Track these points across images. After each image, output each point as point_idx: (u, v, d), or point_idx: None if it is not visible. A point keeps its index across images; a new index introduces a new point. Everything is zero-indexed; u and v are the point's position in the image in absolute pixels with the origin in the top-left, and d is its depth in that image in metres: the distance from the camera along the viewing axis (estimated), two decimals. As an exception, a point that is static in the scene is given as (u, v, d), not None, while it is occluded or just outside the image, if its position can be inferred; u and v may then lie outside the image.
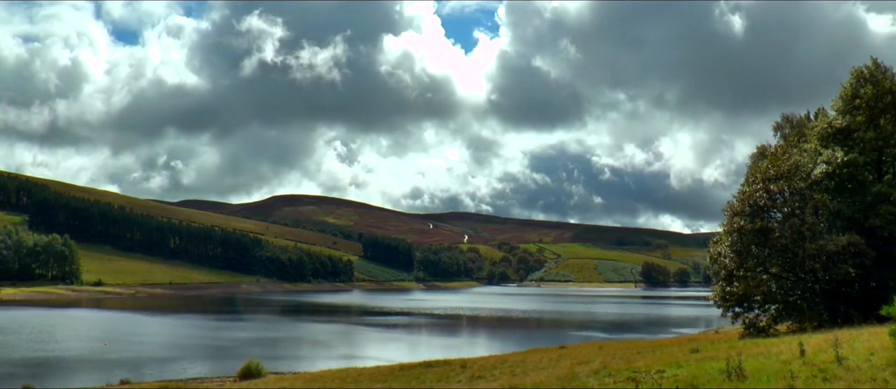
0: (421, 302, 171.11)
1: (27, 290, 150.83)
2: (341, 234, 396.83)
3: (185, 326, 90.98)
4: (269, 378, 37.27)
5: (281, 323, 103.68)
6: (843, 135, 40.84)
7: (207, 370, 45.79)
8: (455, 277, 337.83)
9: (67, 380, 42.50)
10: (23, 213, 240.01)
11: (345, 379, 33.15)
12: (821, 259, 37.75)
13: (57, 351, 59.63)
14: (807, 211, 39.65)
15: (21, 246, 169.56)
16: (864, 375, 16.49)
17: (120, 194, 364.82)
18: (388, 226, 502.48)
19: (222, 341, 72.15)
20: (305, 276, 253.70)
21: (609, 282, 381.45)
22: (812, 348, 21.76)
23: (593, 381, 21.90)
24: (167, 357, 58.70)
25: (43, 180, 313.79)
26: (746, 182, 45.25)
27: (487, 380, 28.00)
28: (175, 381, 39.00)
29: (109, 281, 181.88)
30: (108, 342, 64.76)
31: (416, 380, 30.52)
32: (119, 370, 44.80)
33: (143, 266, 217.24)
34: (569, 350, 40.64)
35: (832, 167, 39.67)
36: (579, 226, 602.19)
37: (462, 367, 33.72)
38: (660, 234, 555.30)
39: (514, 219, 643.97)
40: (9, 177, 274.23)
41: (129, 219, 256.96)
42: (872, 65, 42.12)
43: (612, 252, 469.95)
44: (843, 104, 42.01)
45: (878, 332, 22.72)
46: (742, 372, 18.36)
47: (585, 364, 28.10)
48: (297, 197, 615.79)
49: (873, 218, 38.47)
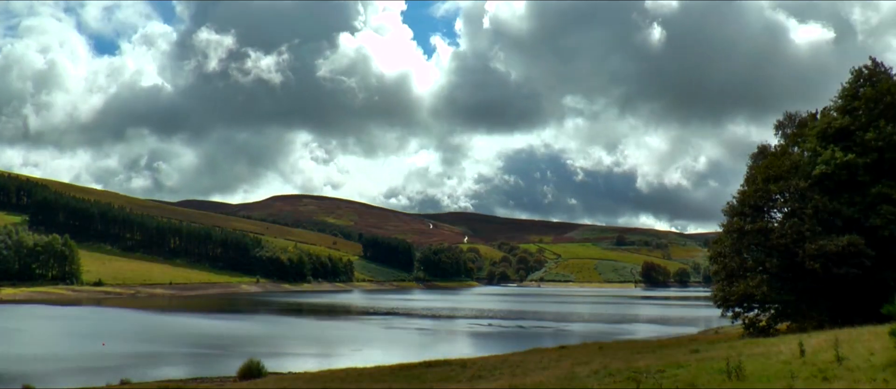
0: (418, 302, 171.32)
1: (27, 290, 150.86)
2: (341, 234, 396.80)
3: (184, 326, 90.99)
4: (269, 377, 37.28)
5: (281, 322, 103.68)
6: (842, 135, 40.83)
7: (207, 369, 45.76)
8: (455, 277, 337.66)
9: (67, 380, 42.49)
10: (23, 213, 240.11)
11: (345, 379, 33.17)
12: (821, 259, 37.77)
13: (56, 350, 59.65)
14: (807, 211, 39.66)
15: (21, 246, 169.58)
16: (864, 375, 16.49)
17: (120, 194, 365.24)
18: (388, 226, 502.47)
19: (222, 340, 72.15)
20: (305, 276, 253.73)
21: (609, 282, 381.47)
22: (812, 348, 21.76)
23: (593, 381, 21.91)
24: (167, 357, 58.69)
25: (43, 180, 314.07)
26: (746, 182, 45.27)
27: (488, 380, 28.01)
28: (175, 381, 38.99)
29: (109, 281, 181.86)
30: (106, 342, 64.70)
31: (416, 380, 30.53)
32: (119, 369, 44.77)
33: (143, 266, 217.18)
34: (569, 351, 40.66)
35: (832, 167, 39.66)
36: (579, 227, 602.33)
37: (462, 367, 33.73)
38: (660, 234, 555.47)
39: (515, 220, 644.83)
40: (9, 177, 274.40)
41: (130, 219, 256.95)
42: (872, 66, 42.09)
43: (612, 252, 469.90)
44: (843, 104, 42.01)
45: (878, 332, 22.71)
46: (742, 372, 18.37)
47: (585, 365, 28.12)
48: (297, 197, 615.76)
49: (873, 218, 38.47)
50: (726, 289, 42.38)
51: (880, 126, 39.26)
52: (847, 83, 42.28)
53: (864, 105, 40.44)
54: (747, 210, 42.63)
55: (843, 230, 38.82)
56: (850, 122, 40.76)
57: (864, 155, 39.39)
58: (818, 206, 39.50)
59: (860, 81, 41.64)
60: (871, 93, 40.13)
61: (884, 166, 39.45)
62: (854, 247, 37.38)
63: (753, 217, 42.39)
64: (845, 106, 41.65)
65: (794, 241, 39.12)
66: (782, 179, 41.99)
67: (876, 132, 39.21)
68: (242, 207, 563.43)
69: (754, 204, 42.48)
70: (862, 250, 37.43)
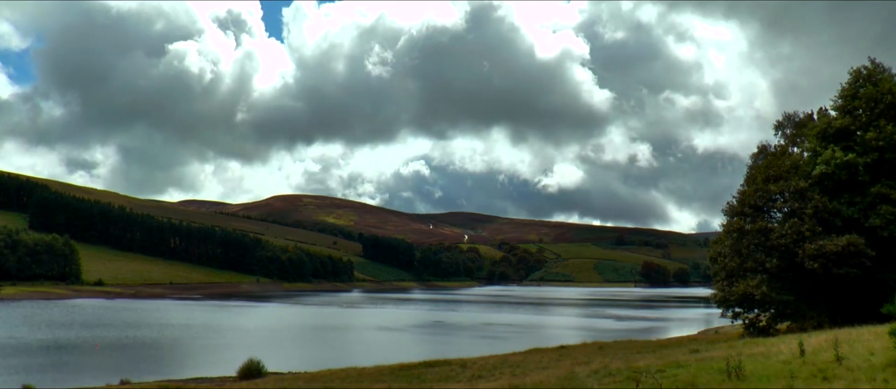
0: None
1: (27, 290, 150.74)
2: (341, 234, 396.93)
3: (184, 325, 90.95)
4: (269, 377, 37.27)
5: (281, 322, 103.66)
6: (842, 135, 40.81)
7: (207, 369, 45.72)
8: (455, 277, 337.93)
9: (67, 379, 42.50)
10: (23, 213, 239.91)
11: (345, 379, 33.17)
12: (820, 259, 37.76)
13: (57, 348, 59.62)
14: (807, 211, 39.66)
15: (21, 246, 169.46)
16: (864, 375, 16.48)
17: (120, 194, 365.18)
18: (388, 226, 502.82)
19: (222, 340, 72.14)
20: (305, 276, 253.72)
21: (609, 282, 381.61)
22: (812, 348, 21.77)
23: (593, 381, 21.91)
24: (167, 356, 58.71)
25: (43, 180, 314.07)
26: (746, 182, 45.25)
27: (488, 380, 28.03)
28: (175, 381, 38.95)
29: (110, 281, 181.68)
30: (99, 344, 64.57)
31: (416, 380, 30.54)
32: (118, 369, 44.76)
33: (144, 266, 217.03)
34: (569, 351, 40.68)
35: (832, 167, 39.64)
36: (579, 226, 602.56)
37: (462, 367, 33.74)
38: (660, 234, 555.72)
39: (515, 220, 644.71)
40: (9, 178, 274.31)
41: (130, 219, 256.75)
42: (871, 66, 42.04)
43: (612, 252, 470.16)
44: (842, 104, 41.96)
45: (878, 332, 22.73)
46: (742, 372, 18.37)
47: (585, 365, 28.12)
48: (297, 197, 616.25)
49: (873, 219, 38.45)
50: (726, 289, 42.38)
51: (880, 125, 39.22)
52: (846, 83, 42.23)
53: (865, 104, 40.40)
54: (747, 210, 42.63)
55: (843, 230, 38.80)
56: (850, 122, 40.73)
57: (865, 154, 39.36)
58: (818, 206, 39.48)
59: (860, 81, 41.59)
60: (872, 92, 40.07)
61: (884, 166, 39.42)
62: (854, 247, 37.36)
63: (753, 217, 42.39)
64: (845, 106, 41.61)
65: (794, 241, 39.12)
66: (782, 179, 41.98)
67: (876, 132, 39.18)
68: (242, 207, 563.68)
69: (754, 204, 42.48)
70: (862, 250, 37.41)
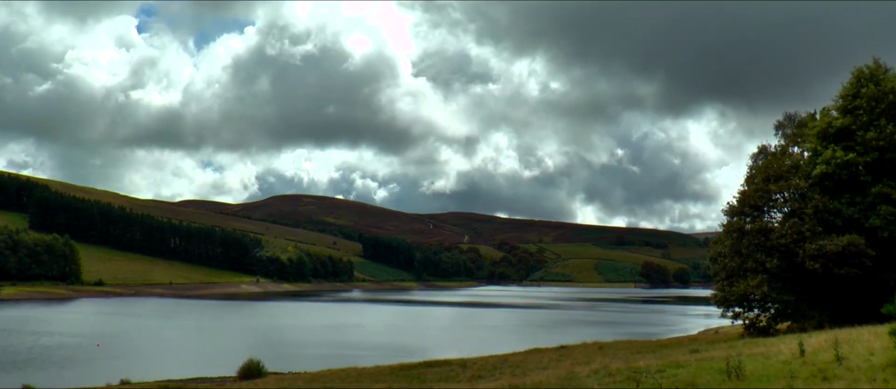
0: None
1: (27, 290, 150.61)
2: (341, 234, 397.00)
3: (184, 325, 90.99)
4: (270, 377, 37.25)
5: (281, 322, 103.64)
6: (843, 134, 40.77)
7: (207, 369, 45.67)
8: (455, 277, 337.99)
9: (67, 379, 42.48)
10: (23, 213, 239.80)
11: (345, 379, 33.15)
12: (821, 259, 37.73)
13: (54, 349, 59.62)
14: (807, 211, 39.63)
15: (22, 247, 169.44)
16: (864, 375, 16.47)
17: (120, 194, 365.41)
18: (388, 226, 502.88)
19: (222, 340, 72.14)
20: (306, 276, 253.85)
21: (609, 282, 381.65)
22: (812, 348, 21.75)
23: (593, 381, 21.89)
24: (166, 356, 58.70)
25: (43, 180, 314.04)
26: (746, 182, 45.23)
27: (488, 380, 28.02)
28: (175, 381, 38.87)
29: (110, 281, 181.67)
30: (101, 343, 64.58)
31: (416, 380, 30.53)
32: (118, 369, 44.72)
33: (144, 266, 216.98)
34: (569, 350, 40.67)
35: (832, 167, 39.62)
36: (580, 226, 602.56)
37: (462, 367, 33.73)
38: (660, 234, 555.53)
39: (515, 220, 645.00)
40: (9, 178, 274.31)
41: (130, 219, 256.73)
42: (873, 65, 41.97)
43: (612, 252, 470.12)
44: (843, 104, 41.89)
45: (878, 332, 22.71)
46: (742, 372, 18.36)
47: (585, 365, 28.10)
48: (297, 197, 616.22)
49: (873, 219, 38.43)
50: (726, 289, 42.35)
51: (881, 125, 39.20)
52: (848, 83, 42.17)
53: (866, 104, 40.34)
54: (747, 210, 42.62)
55: (843, 230, 38.78)
56: (851, 122, 40.68)
57: (865, 154, 39.34)
58: (818, 206, 39.46)
59: (861, 81, 41.53)
60: (874, 92, 40.02)
61: (884, 166, 39.39)
62: (854, 247, 37.34)
63: (753, 217, 42.38)
64: (846, 105, 41.55)
65: (794, 241, 39.09)
66: (782, 179, 41.97)
67: (877, 131, 39.15)
68: (242, 207, 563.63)
69: (754, 205, 42.47)
70: (862, 250, 37.39)
